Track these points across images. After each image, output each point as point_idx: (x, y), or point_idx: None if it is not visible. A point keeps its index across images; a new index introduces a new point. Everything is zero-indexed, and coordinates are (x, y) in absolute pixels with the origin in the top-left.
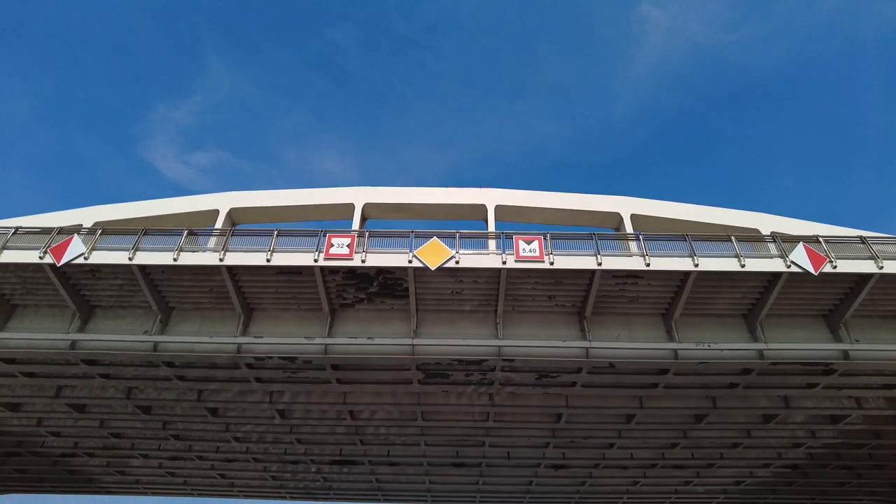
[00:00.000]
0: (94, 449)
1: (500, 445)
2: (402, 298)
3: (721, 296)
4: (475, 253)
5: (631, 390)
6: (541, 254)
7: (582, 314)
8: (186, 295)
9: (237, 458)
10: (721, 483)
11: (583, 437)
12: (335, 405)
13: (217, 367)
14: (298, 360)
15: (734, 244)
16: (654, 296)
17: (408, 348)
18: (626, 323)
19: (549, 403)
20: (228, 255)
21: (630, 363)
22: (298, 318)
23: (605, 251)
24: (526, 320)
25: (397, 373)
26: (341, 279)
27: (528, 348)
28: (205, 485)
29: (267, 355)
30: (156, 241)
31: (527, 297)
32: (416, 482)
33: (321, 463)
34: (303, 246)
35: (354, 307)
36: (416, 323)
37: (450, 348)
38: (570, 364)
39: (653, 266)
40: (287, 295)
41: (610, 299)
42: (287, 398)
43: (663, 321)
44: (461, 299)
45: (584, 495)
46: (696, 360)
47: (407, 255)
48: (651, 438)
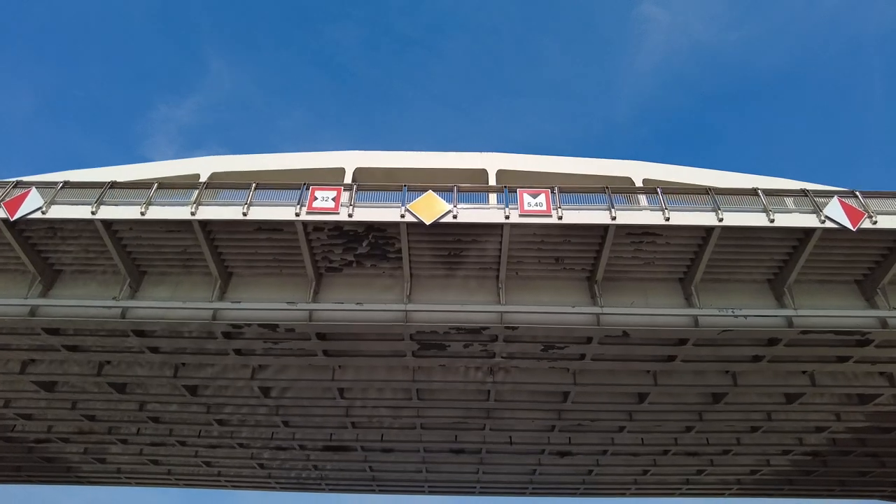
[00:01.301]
0: (68, 434)
1: (502, 429)
2: (394, 261)
3: (745, 258)
4: (475, 207)
5: (645, 364)
6: (548, 208)
7: (592, 279)
8: (159, 257)
9: (222, 443)
10: (735, 472)
11: (591, 419)
12: (323, 382)
13: (192, 337)
14: (280, 329)
15: (761, 198)
16: (673, 258)
17: (401, 315)
18: (641, 290)
19: (554, 380)
20: (202, 208)
21: (646, 331)
22: (281, 284)
23: (619, 205)
24: (531, 286)
25: (390, 343)
26: (327, 238)
27: (534, 314)
28: (190, 474)
29: (245, 322)
30: (125, 196)
31: (531, 259)
32: (413, 471)
33: (311, 449)
34: (284, 199)
35: (342, 271)
36: (409, 288)
37: (447, 315)
38: (580, 333)
39: (673, 221)
40: (267, 257)
41: (623, 263)
42: (270, 374)
43: (682, 288)
44: (460, 262)
45: (589, 486)
46: (718, 329)
47: (399, 210)
48: (664, 421)
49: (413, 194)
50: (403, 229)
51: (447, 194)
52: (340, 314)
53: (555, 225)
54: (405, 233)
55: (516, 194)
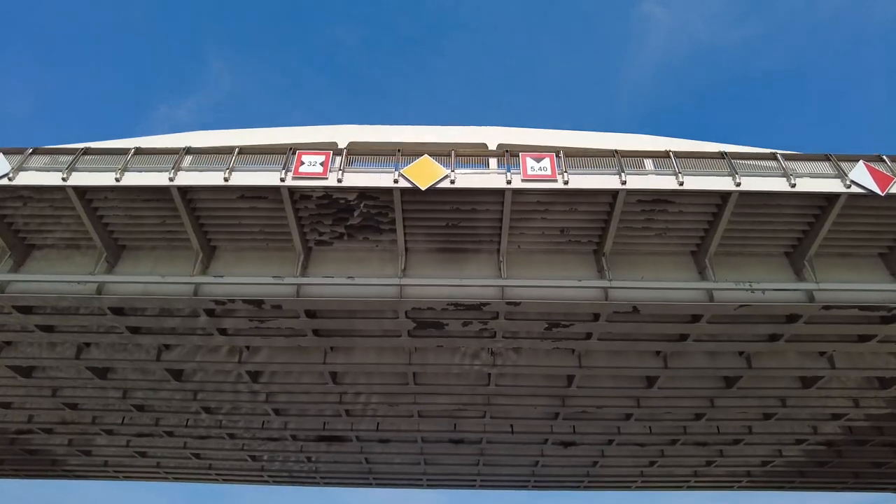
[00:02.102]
0: (51, 424)
1: (503, 417)
2: (388, 234)
3: (762, 229)
4: (474, 172)
5: (655, 345)
6: (553, 172)
7: (600, 252)
8: (138, 230)
9: (210, 434)
10: (746, 464)
11: (596, 406)
12: (314, 366)
13: (173, 315)
14: (266, 305)
15: (780, 162)
16: (685, 228)
17: (395, 290)
18: (652, 264)
19: (558, 363)
20: (181, 174)
21: (657, 306)
22: (268, 259)
23: (629, 171)
24: (534, 260)
25: (384, 322)
26: (315, 207)
27: (538, 289)
28: (180, 467)
29: (228, 298)
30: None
31: (535, 230)
32: (411, 462)
33: (303, 440)
34: (269, 165)
35: (333, 245)
36: (404, 262)
37: (444, 290)
38: (586, 309)
39: (687, 186)
40: (253, 229)
41: (633, 234)
42: (258, 357)
43: (695, 262)
44: (458, 235)
45: (593, 479)
46: (734, 304)
47: (392, 175)
48: (673, 408)
49: (408, 160)
50: (397, 197)
51: (445, 160)
52: (330, 289)
53: (560, 191)
54: (399, 201)
55: (518, 159)
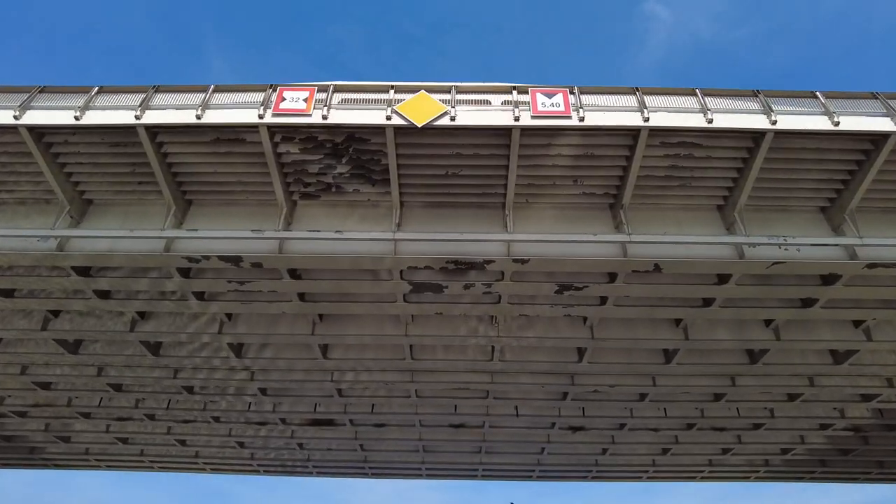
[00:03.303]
0: (25, 406)
1: (507, 397)
2: (381, 185)
3: (797, 178)
4: (477, 109)
5: (676, 312)
6: (567, 108)
7: (617, 205)
8: (104, 181)
9: (195, 417)
10: (765, 452)
11: (608, 384)
12: (301, 337)
13: (144, 277)
14: (245, 263)
15: (821, 100)
16: (712, 178)
17: (388, 246)
18: (674, 220)
19: (569, 334)
20: (149, 112)
21: (681, 264)
22: (248, 214)
23: (653, 106)
24: (544, 216)
25: (376, 285)
26: (299, 152)
27: (548, 244)
28: (165, 455)
29: (203, 255)
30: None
31: (545, 180)
32: (409, 449)
33: (294, 424)
34: (246, 104)
35: (320, 198)
36: (399, 217)
37: (443, 246)
38: (602, 268)
39: (716, 123)
40: (230, 178)
41: (654, 184)
42: (241, 327)
43: (721, 218)
44: (459, 186)
45: (602, 468)
46: (767, 262)
47: (384, 111)
48: (691, 387)
49: (403, 97)
50: (390, 138)
51: (444, 96)
52: (316, 245)
53: (574, 129)
54: (393, 144)
55: (528, 95)
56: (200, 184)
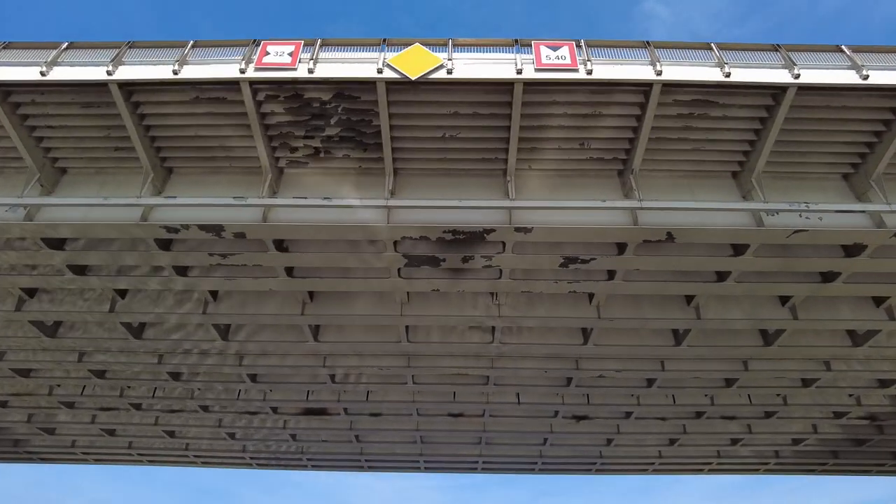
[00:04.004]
0: (4, 395)
1: (508, 384)
2: (373, 150)
3: (820, 141)
4: (476, 60)
5: (688, 288)
6: (573, 61)
7: (627, 170)
8: (79, 146)
9: (183, 406)
10: (776, 442)
11: (615, 369)
12: (290, 317)
13: (121, 250)
14: (227, 234)
15: (847, 54)
16: (729, 140)
17: (381, 214)
18: (687, 188)
19: (573, 314)
20: (122, 68)
21: (696, 232)
22: (232, 183)
23: (666, 61)
24: (548, 184)
25: (369, 258)
26: (284, 111)
27: (553, 210)
28: (153, 448)
29: (182, 224)
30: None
31: (549, 143)
32: (406, 440)
33: (286, 413)
34: (227, 58)
35: (307, 166)
36: (392, 183)
37: (440, 214)
38: (611, 237)
39: (734, 77)
40: (212, 143)
41: (667, 147)
42: (227, 308)
43: (737, 186)
44: (456, 151)
45: (606, 461)
46: (788, 230)
47: (375, 63)
48: (702, 371)
49: (395, 50)
50: (382, 95)
51: (441, 54)
52: (303, 213)
53: (581, 83)
54: (384, 101)
55: (531, 47)
56: (180, 149)
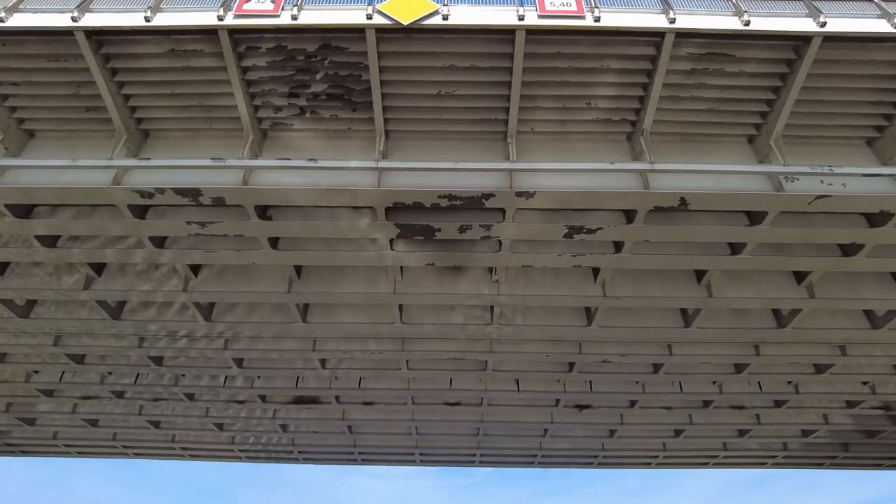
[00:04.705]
0: None
1: (508, 369)
2: (362, 110)
3: (844, 101)
4: (475, 6)
5: (700, 262)
6: (579, 8)
7: (636, 133)
8: (46, 105)
9: (167, 394)
10: (783, 434)
11: (620, 353)
12: (277, 295)
13: (93, 218)
14: (205, 198)
15: (876, 1)
16: (745, 99)
17: (371, 177)
18: (700, 153)
19: (577, 292)
20: (89, 15)
21: (711, 198)
22: (212, 147)
23: (680, 9)
24: (551, 147)
25: (359, 228)
26: (266, 65)
27: (557, 173)
28: (139, 440)
29: (157, 188)
30: None
31: (552, 101)
32: (401, 431)
33: (275, 402)
34: (204, 6)
35: (292, 127)
36: (383, 144)
37: (435, 178)
38: (620, 203)
39: (754, 26)
40: (190, 101)
41: (679, 106)
42: (209, 286)
43: (753, 151)
44: (453, 110)
45: (608, 454)
46: (810, 196)
47: (364, 10)
48: (711, 356)
49: None
50: (372, 45)
51: None
52: (287, 177)
53: (588, 33)
54: (374, 52)
55: None
56: (156, 109)
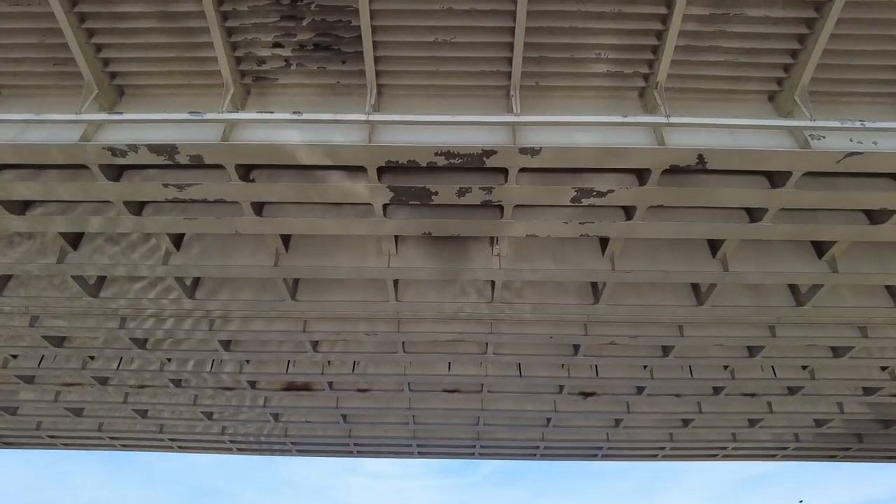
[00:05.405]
0: None
1: (509, 353)
2: (353, 62)
3: (874, 51)
4: None
5: (716, 229)
6: None
7: (650, 87)
8: (7, 56)
9: (152, 380)
10: (795, 424)
11: (629, 335)
12: (263, 269)
13: (62, 181)
14: (182, 156)
15: None
16: (767, 49)
17: (362, 132)
18: (718, 110)
19: (584, 266)
20: None
21: (732, 156)
22: (192, 104)
23: None
24: (557, 103)
25: (349, 191)
26: (248, 10)
27: (564, 126)
28: (126, 431)
29: (129, 143)
30: None
31: (560, 52)
32: (397, 421)
33: (265, 388)
34: None
35: (277, 81)
36: (374, 97)
37: (432, 134)
38: (633, 161)
39: None
40: (167, 52)
41: (695, 58)
42: (191, 259)
43: (774, 109)
44: (451, 61)
45: (613, 446)
46: (839, 153)
47: None
48: (724, 338)
49: None
50: None
51: None
52: (270, 132)
53: None
54: None
55: None
56: (131, 62)
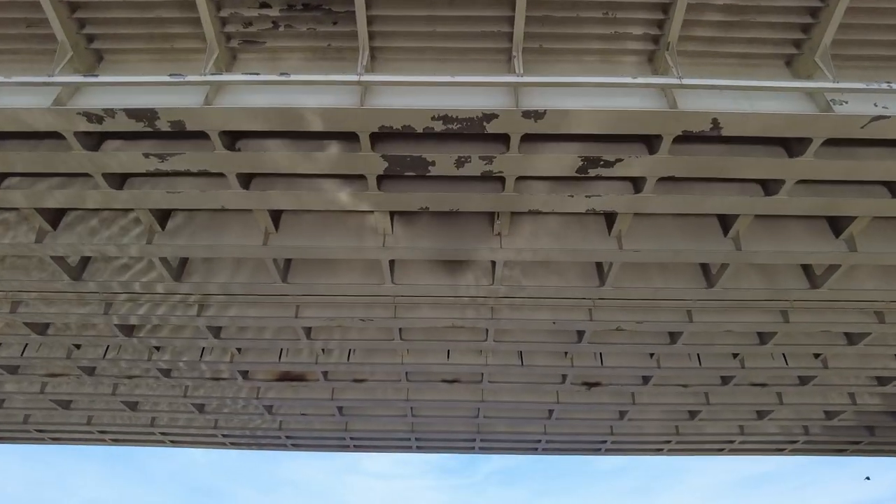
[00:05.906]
0: None
1: (510, 340)
2: (344, 23)
3: None
4: None
5: (730, 203)
6: None
7: (660, 51)
8: None
9: (140, 370)
10: (805, 416)
11: (635, 320)
12: (251, 248)
13: (35, 150)
14: (162, 122)
15: None
16: (784, 7)
17: (353, 95)
18: (732, 76)
19: (589, 245)
20: None
21: (749, 120)
22: (174, 69)
23: None
24: (563, 68)
25: (340, 160)
26: None
27: (570, 88)
28: (116, 424)
29: (106, 108)
30: None
31: (565, 8)
32: (395, 414)
33: (258, 379)
34: None
35: (265, 44)
36: (367, 59)
37: (428, 97)
38: (643, 127)
39: None
40: (147, 12)
41: (708, 18)
42: (176, 238)
43: (792, 74)
44: (448, 19)
45: (617, 440)
46: (864, 117)
47: None
48: (734, 324)
49: None
50: None
51: None
52: (256, 96)
53: None
54: None
55: None
56: (108, 23)
